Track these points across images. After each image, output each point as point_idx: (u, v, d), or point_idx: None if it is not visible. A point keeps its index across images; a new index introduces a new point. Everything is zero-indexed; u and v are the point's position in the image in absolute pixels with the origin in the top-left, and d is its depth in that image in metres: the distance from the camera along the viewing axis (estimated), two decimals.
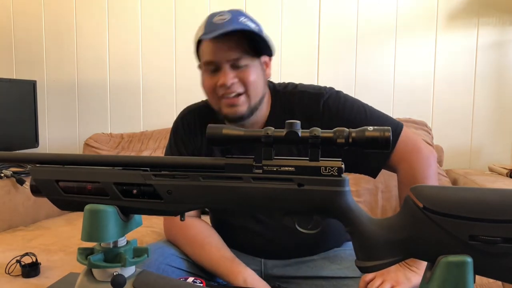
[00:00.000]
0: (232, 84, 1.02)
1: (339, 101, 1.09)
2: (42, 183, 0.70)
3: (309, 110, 1.08)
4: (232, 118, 1.05)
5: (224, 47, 1.01)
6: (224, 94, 1.03)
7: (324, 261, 1.14)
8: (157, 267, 1.04)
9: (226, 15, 1.02)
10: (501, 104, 2.10)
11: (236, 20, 1.02)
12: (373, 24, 2.15)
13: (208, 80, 1.06)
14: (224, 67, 1.02)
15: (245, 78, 1.03)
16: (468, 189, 0.62)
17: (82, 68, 2.46)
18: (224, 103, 1.04)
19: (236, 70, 1.03)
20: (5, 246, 1.54)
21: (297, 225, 0.66)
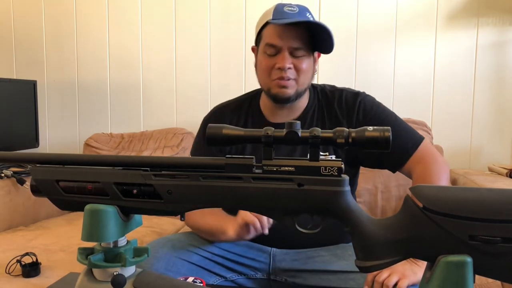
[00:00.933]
0: (288, 69, 1.12)
1: (373, 102, 1.21)
2: (42, 183, 0.70)
3: (347, 106, 1.20)
4: (280, 98, 1.16)
5: (290, 34, 1.11)
6: (278, 76, 1.13)
7: (332, 257, 1.14)
8: (168, 260, 1.07)
9: (295, 8, 1.15)
10: (501, 104, 2.10)
11: (304, 14, 1.15)
12: (373, 24, 2.15)
13: (266, 60, 1.16)
14: (284, 52, 1.12)
15: (300, 66, 1.13)
16: (468, 189, 0.62)
17: (83, 68, 2.46)
18: (275, 83, 1.15)
19: (293, 57, 1.13)
20: (5, 246, 1.54)
21: (297, 225, 0.66)
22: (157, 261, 1.04)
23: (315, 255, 1.16)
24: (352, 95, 1.22)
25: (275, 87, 1.15)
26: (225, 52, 2.26)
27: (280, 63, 1.12)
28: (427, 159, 1.15)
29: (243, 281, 1.16)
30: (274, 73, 1.14)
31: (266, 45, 1.14)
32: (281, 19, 1.11)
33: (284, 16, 1.12)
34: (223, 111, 1.28)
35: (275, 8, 1.15)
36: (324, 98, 1.23)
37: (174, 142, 2.15)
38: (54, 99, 2.51)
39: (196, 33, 2.29)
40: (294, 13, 1.13)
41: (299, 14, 1.14)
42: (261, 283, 1.17)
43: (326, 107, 1.22)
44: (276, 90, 1.15)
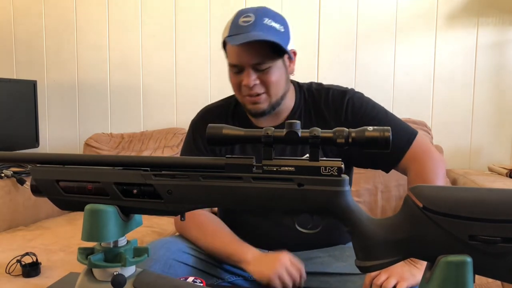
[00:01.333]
0: (254, 85, 1.09)
1: (362, 100, 1.17)
2: (42, 183, 0.70)
3: (334, 106, 1.16)
4: (254, 113, 1.14)
5: (247, 52, 1.07)
6: (247, 94, 1.11)
7: (330, 258, 1.14)
8: (164, 262, 1.06)
9: (251, 16, 1.08)
10: (501, 104, 2.10)
11: (260, 22, 1.07)
12: (373, 24, 2.15)
13: (233, 78, 1.14)
14: (247, 70, 1.09)
15: (267, 80, 1.09)
16: (467, 189, 0.62)
17: (83, 68, 2.46)
18: (247, 100, 1.13)
19: (258, 72, 1.09)
20: (5, 246, 1.54)
21: (297, 225, 0.66)
22: (154, 263, 1.03)
23: (313, 257, 1.15)
24: (339, 93, 1.17)
25: (248, 103, 1.13)
26: None
27: (244, 81, 1.09)
28: (422, 156, 1.11)
29: (241, 282, 1.16)
30: (243, 90, 1.12)
31: (229, 64, 1.12)
32: (235, 36, 1.06)
33: (239, 31, 1.06)
34: (210, 114, 1.26)
35: (233, 20, 1.10)
36: (311, 97, 1.20)
37: (174, 142, 2.15)
38: (54, 99, 2.51)
39: (196, 33, 2.29)
40: (249, 25, 1.06)
41: (255, 24, 1.06)
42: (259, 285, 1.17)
43: (313, 108, 1.18)
44: (249, 106, 1.13)
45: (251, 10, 1.10)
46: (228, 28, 1.10)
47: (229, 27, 1.10)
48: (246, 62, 1.08)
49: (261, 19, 1.08)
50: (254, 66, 1.08)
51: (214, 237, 1.13)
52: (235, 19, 1.10)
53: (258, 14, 1.08)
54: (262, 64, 1.08)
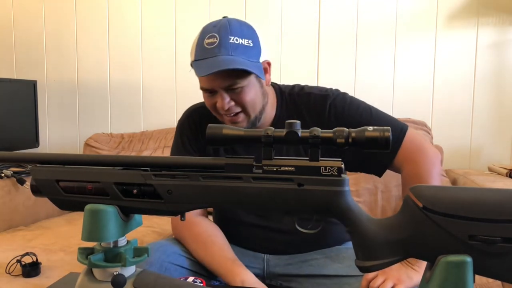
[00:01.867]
0: (230, 107, 1.06)
1: (345, 102, 1.12)
2: (42, 183, 0.70)
3: (316, 111, 1.11)
4: None
5: (216, 77, 1.02)
6: (223, 114, 1.08)
7: (326, 260, 1.14)
8: (160, 265, 1.05)
9: (215, 37, 1.02)
10: (501, 104, 2.10)
11: (225, 42, 1.02)
12: (373, 24, 2.15)
13: (207, 100, 1.10)
14: (220, 92, 1.05)
15: (241, 99, 1.06)
16: (467, 189, 0.62)
17: (83, 68, 2.46)
18: (226, 120, 1.09)
19: (231, 93, 1.05)
20: (5, 246, 1.54)
21: (297, 225, 0.66)
22: (149, 266, 1.03)
23: (309, 259, 1.15)
24: (320, 98, 1.12)
25: (227, 122, 1.09)
26: None
27: (219, 104, 1.06)
28: (415, 153, 1.06)
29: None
30: (219, 110, 1.08)
31: (201, 88, 1.09)
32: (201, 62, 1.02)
33: (206, 55, 1.02)
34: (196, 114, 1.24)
35: (198, 41, 1.06)
36: (292, 103, 1.15)
37: None
38: (54, 99, 2.51)
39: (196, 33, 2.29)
40: (214, 47, 1.01)
41: (220, 46, 1.01)
42: None
43: (296, 114, 1.13)
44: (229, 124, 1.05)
45: (214, 30, 1.04)
46: (194, 50, 1.06)
47: (195, 49, 1.06)
48: (217, 86, 1.04)
49: (226, 38, 1.02)
50: (227, 88, 1.05)
51: (206, 251, 1.10)
52: (199, 40, 1.06)
53: (223, 33, 1.03)
54: (233, 85, 1.04)
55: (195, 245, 1.12)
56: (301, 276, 1.13)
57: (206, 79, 1.04)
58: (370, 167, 1.13)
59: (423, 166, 1.06)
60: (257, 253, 1.18)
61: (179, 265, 1.09)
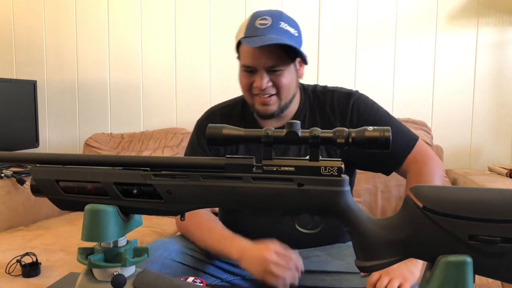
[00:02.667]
0: (267, 87, 1.11)
1: (367, 103, 1.19)
2: (42, 183, 0.70)
3: (340, 108, 1.17)
4: (263, 115, 1.15)
5: (262, 54, 1.08)
6: (258, 94, 1.12)
7: (327, 256, 1.14)
8: (162, 262, 1.06)
9: (267, 19, 1.10)
10: (501, 104, 2.10)
11: (277, 25, 1.09)
12: (373, 24, 2.15)
13: (244, 79, 1.14)
14: (260, 72, 1.10)
15: (279, 82, 1.11)
16: (467, 189, 0.62)
17: (83, 68, 2.46)
18: (257, 101, 1.14)
19: (271, 74, 1.11)
20: (5, 246, 1.54)
21: (297, 225, 0.66)
22: (151, 263, 1.03)
23: (311, 255, 1.16)
24: (344, 95, 1.19)
25: (257, 104, 1.14)
26: (225, 52, 2.26)
27: (257, 83, 1.11)
28: (422, 158, 1.14)
29: (239, 281, 1.16)
30: (254, 90, 1.13)
31: (242, 65, 1.13)
32: (252, 38, 1.07)
33: (256, 33, 1.08)
34: (216, 114, 1.27)
35: (248, 22, 1.11)
36: (316, 100, 1.21)
37: (174, 142, 2.15)
38: (54, 99, 2.51)
39: (196, 33, 2.29)
40: (266, 28, 1.08)
41: (272, 27, 1.08)
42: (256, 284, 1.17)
43: (318, 110, 1.19)
44: (258, 107, 1.14)
45: (267, 13, 1.11)
46: (244, 29, 1.11)
47: (245, 28, 1.11)
48: (260, 64, 1.09)
49: (278, 22, 1.10)
50: (268, 69, 1.10)
51: (208, 234, 1.14)
52: (250, 21, 1.11)
53: (274, 18, 1.10)
54: (276, 67, 1.10)
55: (197, 231, 1.16)
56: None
57: (252, 56, 1.09)
58: (380, 167, 1.20)
59: (428, 168, 1.13)
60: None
61: (181, 263, 1.10)
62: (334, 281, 1.09)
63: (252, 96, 1.14)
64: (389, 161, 1.15)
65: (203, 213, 1.19)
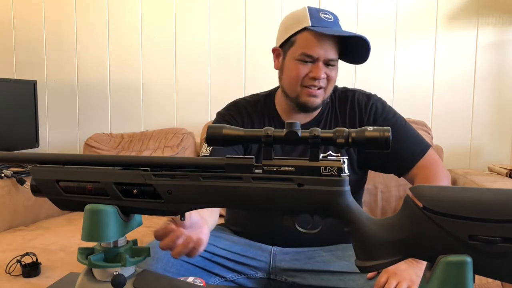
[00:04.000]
0: (322, 79, 1.14)
1: (384, 106, 1.23)
2: (42, 183, 0.70)
3: (359, 106, 1.21)
4: (309, 106, 1.17)
5: (327, 46, 1.12)
6: (310, 85, 1.14)
7: (332, 257, 1.14)
8: (167, 261, 1.05)
9: (330, 15, 1.16)
10: (501, 104, 2.10)
11: (338, 22, 1.17)
12: (373, 24, 2.15)
13: (299, 68, 1.15)
14: (319, 63, 1.13)
15: (331, 76, 1.16)
16: (467, 189, 0.62)
17: (83, 68, 2.46)
18: (306, 92, 1.15)
19: (326, 67, 1.15)
20: (5, 246, 1.54)
21: (297, 225, 0.66)
22: (156, 261, 1.03)
23: (316, 255, 1.16)
24: (364, 97, 1.23)
25: (304, 96, 1.15)
26: (226, 52, 2.26)
27: (315, 73, 1.13)
28: (431, 166, 1.17)
29: (243, 281, 1.16)
30: (306, 81, 1.14)
31: (302, 53, 1.13)
32: (321, 27, 1.11)
33: (323, 24, 1.12)
34: (239, 108, 1.27)
35: (310, 12, 1.14)
36: (337, 99, 1.24)
37: (174, 142, 2.15)
38: (54, 99, 2.51)
39: (196, 33, 2.29)
40: (331, 22, 1.14)
41: (335, 23, 1.15)
42: (261, 283, 1.17)
43: (339, 109, 1.23)
44: (305, 98, 1.15)
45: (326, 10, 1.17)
46: (307, 18, 1.12)
47: (309, 18, 1.12)
48: (324, 55, 1.12)
49: (337, 20, 1.17)
50: (327, 61, 1.13)
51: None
52: (313, 13, 1.14)
53: (334, 16, 1.17)
54: (333, 60, 1.14)
55: None
56: (306, 271, 1.13)
57: (317, 45, 1.12)
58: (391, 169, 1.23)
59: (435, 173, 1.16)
60: (265, 245, 1.19)
61: (185, 261, 1.10)
62: (339, 281, 1.09)
63: (300, 87, 1.15)
64: (401, 164, 1.17)
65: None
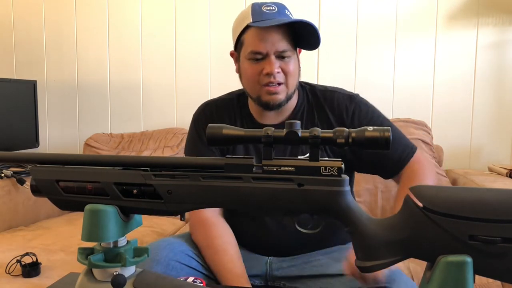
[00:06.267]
0: (276, 74, 1.08)
1: (368, 107, 1.17)
2: (42, 183, 0.70)
3: (340, 109, 1.16)
4: (272, 105, 1.12)
5: (274, 37, 1.07)
6: (268, 82, 1.09)
7: (329, 260, 1.14)
8: (167, 263, 1.04)
9: (273, 6, 1.10)
10: (501, 104, 2.10)
11: (283, 12, 1.10)
12: (373, 24, 2.15)
13: (252, 67, 1.11)
14: (270, 57, 1.08)
15: (287, 69, 1.10)
16: (467, 189, 0.62)
17: (83, 68, 2.46)
18: (265, 91, 1.10)
19: (280, 60, 1.09)
20: (5, 246, 1.54)
21: (297, 225, 0.66)
22: (156, 264, 1.03)
23: (312, 260, 1.15)
24: (346, 97, 1.17)
25: (265, 95, 1.10)
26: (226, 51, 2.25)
27: (267, 69, 1.07)
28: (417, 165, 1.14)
29: None
30: (262, 79, 1.09)
31: (251, 52, 1.09)
32: (262, 21, 1.05)
33: (264, 17, 1.07)
34: (212, 106, 1.24)
35: (252, 9, 1.09)
36: (315, 99, 1.19)
37: (174, 142, 2.15)
38: (54, 99, 2.51)
39: (196, 33, 2.29)
40: (273, 13, 1.08)
41: (279, 13, 1.09)
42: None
43: (317, 109, 1.17)
44: (266, 97, 1.10)
45: (270, 3, 1.11)
46: (249, 16, 1.08)
47: (250, 15, 1.08)
48: (272, 48, 1.07)
49: (283, 9, 1.11)
50: (279, 54, 1.08)
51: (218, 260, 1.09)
52: (255, 8, 1.09)
53: (279, 5, 1.11)
54: (286, 52, 1.08)
55: (208, 250, 1.11)
56: (305, 277, 1.13)
57: (262, 39, 1.07)
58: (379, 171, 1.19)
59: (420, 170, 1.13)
60: (260, 256, 1.18)
61: (186, 265, 1.09)
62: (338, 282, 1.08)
63: (259, 87, 1.11)
64: (389, 166, 1.14)
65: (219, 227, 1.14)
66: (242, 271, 1.08)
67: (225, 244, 1.11)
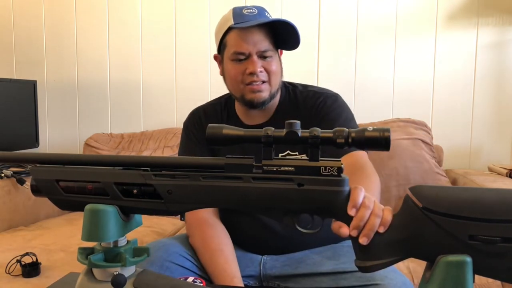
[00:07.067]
0: (259, 73, 1.13)
1: (335, 101, 1.19)
2: (42, 183, 0.70)
3: (310, 103, 1.19)
4: (256, 102, 1.15)
5: (255, 38, 1.12)
6: (251, 81, 1.13)
7: (322, 258, 1.14)
8: (161, 264, 1.05)
9: (253, 9, 1.15)
10: (501, 104, 2.10)
11: (263, 14, 1.15)
12: (373, 24, 2.15)
13: (235, 68, 1.15)
14: (253, 57, 1.12)
15: (270, 68, 1.14)
16: (467, 189, 0.62)
17: (83, 68, 2.46)
18: (249, 89, 1.14)
19: (262, 60, 1.13)
20: (5, 246, 1.54)
21: (297, 225, 0.66)
22: (150, 264, 1.03)
23: (306, 258, 1.15)
24: (316, 93, 1.20)
25: (248, 93, 1.14)
26: None
27: (250, 68, 1.12)
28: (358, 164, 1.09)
29: None
30: (245, 78, 1.13)
31: (233, 53, 1.13)
32: (243, 23, 1.10)
33: (245, 19, 1.11)
34: (199, 111, 1.29)
35: (233, 12, 1.14)
36: (295, 98, 1.22)
37: (174, 142, 2.15)
38: (54, 99, 2.51)
39: (196, 33, 2.29)
40: (254, 15, 1.13)
41: (259, 15, 1.13)
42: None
43: (294, 107, 1.21)
44: (250, 96, 1.14)
45: (250, 6, 1.15)
46: (230, 19, 1.13)
47: (232, 18, 1.13)
48: (254, 48, 1.11)
49: (263, 12, 1.15)
50: (260, 54, 1.12)
51: (213, 261, 1.10)
52: (236, 11, 1.14)
53: (259, 8, 1.15)
54: (267, 52, 1.13)
55: (203, 250, 1.12)
56: (298, 276, 1.13)
57: (243, 39, 1.11)
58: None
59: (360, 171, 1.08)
60: (255, 256, 1.18)
61: (180, 265, 1.09)
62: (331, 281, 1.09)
63: (242, 86, 1.14)
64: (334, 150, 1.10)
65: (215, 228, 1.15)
66: (236, 272, 1.08)
67: (221, 245, 1.13)
